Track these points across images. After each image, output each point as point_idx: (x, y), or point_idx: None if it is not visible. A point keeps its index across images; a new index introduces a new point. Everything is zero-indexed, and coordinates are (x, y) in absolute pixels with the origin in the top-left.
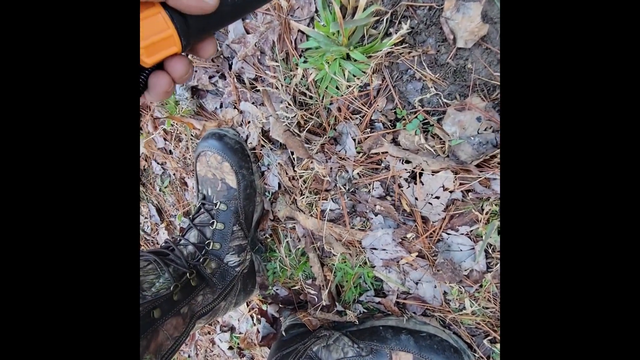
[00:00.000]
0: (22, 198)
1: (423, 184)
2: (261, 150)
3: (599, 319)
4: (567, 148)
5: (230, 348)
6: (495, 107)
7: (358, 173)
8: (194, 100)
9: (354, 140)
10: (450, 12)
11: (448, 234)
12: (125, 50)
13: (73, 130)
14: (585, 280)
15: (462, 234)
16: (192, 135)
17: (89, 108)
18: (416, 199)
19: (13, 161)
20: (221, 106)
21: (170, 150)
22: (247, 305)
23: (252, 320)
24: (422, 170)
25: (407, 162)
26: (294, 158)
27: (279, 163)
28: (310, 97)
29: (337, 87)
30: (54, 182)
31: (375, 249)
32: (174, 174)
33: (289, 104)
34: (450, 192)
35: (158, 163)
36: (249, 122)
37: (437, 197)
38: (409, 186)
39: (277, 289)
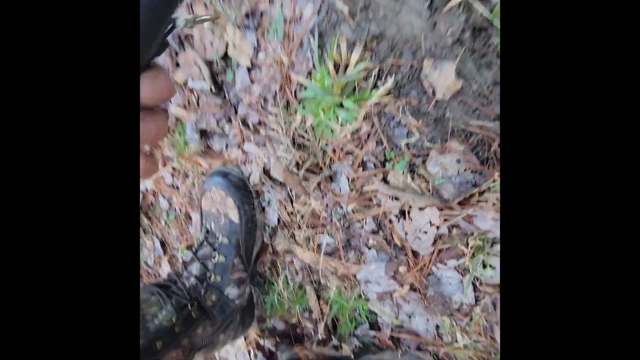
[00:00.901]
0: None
1: (412, 220)
2: (262, 187)
3: (599, 338)
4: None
5: None
6: (472, 150)
7: (352, 209)
8: (202, 141)
9: (348, 178)
10: (428, 69)
11: (437, 267)
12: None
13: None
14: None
15: (451, 267)
16: (199, 172)
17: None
18: (406, 233)
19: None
20: (227, 147)
21: (177, 186)
22: (245, 340)
23: (250, 355)
24: (410, 207)
25: (396, 199)
26: (292, 195)
27: (278, 199)
28: (308, 140)
29: (331, 131)
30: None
31: (369, 282)
32: (179, 209)
33: (289, 146)
34: (437, 227)
35: (165, 198)
36: (251, 161)
37: (425, 232)
38: (399, 221)
39: (274, 323)
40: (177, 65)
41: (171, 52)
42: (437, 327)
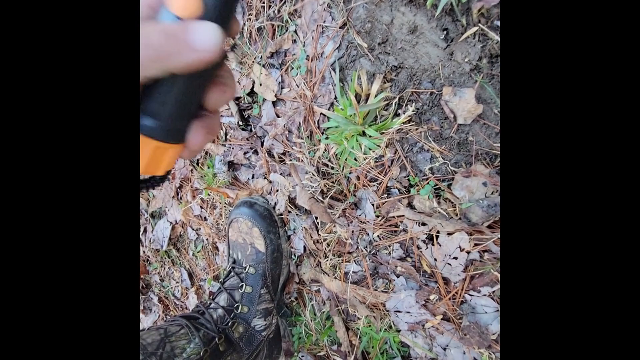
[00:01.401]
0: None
1: (440, 245)
2: (288, 215)
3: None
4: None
5: None
6: (498, 173)
7: (378, 235)
8: (230, 172)
9: (373, 205)
10: (448, 96)
11: (471, 295)
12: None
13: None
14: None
15: (485, 294)
16: (226, 203)
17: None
18: (435, 259)
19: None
20: (253, 177)
21: (205, 217)
22: None
23: None
24: (438, 232)
25: (423, 224)
26: (318, 222)
27: (304, 227)
28: (332, 168)
29: (355, 159)
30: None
31: (399, 311)
32: (207, 239)
33: (313, 174)
34: (468, 252)
35: (193, 229)
36: (277, 190)
37: (455, 258)
38: (427, 247)
39: (302, 356)
40: None
41: None
42: None
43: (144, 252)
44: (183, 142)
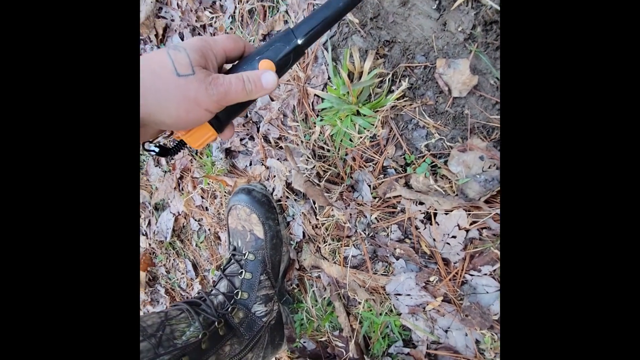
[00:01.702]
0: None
1: (439, 224)
2: (286, 201)
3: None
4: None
5: None
6: (495, 146)
7: (376, 217)
8: (228, 160)
9: (370, 186)
10: (442, 68)
11: (471, 275)
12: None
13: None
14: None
15: (486, 274)
16: (225, 192)
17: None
18: (434, 239)
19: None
20: (250, 164)
21: (206, 207)
22: None
23: None
24: (436, 210)
25: (421, 203)
26: (315, 207)
27: (302, 213)
28: (328, 150)
29: (350, 140)
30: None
31: (399, 294)
32: (209, 229)
33: (309, 157)
34: (466, 230)
35: (195, 220)
36: (274, 176)
37: (454, 237)
38: (425, 227)
39: (304, 342)
40: None
41: None
42: (477, 341)
43: (149, 244)
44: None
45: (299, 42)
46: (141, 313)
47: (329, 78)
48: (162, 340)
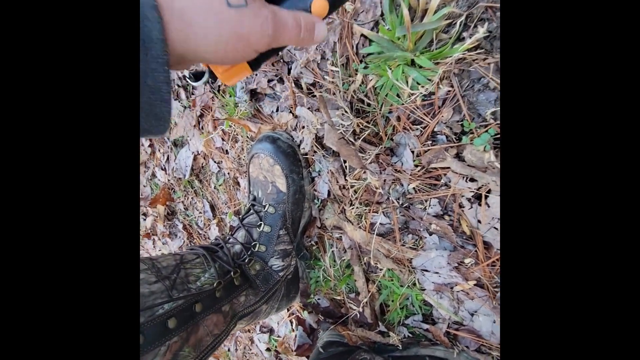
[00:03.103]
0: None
1: (489, 206)
2: (313, 156)
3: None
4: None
5: (268, 350)
6: None
7: (414, 188)
8: (252, 103)
9: (413, 152)
10: None
11: None
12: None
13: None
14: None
15: None
16: (247, 137)
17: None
18: (479, 221)
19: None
20: (277, 110)
21: (226, 150)
22: (288, 310)
23: (291, 325)
24: (489, 191)
25: (472, 180)
26: (346, 167)
27: (330, 170)
28: (369, 105)
29: (398, 95)
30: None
31: (427, 270)
32: (228, 173)
33: (346, 111)
34: None
35: (215, 162)
36: (303, 127)
37: None
38: (471, 207)
39: (318, 299)
40: None
41: None
42: None
43: (168, 179)
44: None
45: None
46: (158, 252)
47: (382, 15)
48: (177, 283)
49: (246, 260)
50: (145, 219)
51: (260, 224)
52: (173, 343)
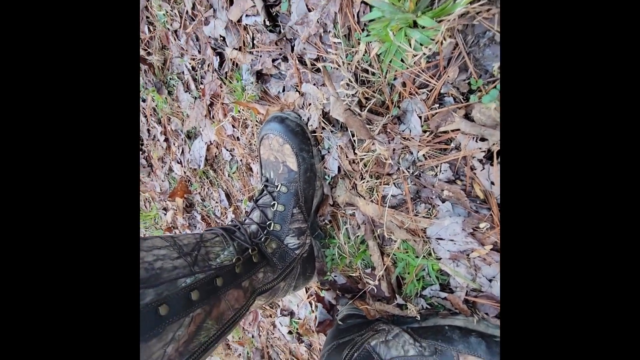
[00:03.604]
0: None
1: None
2: (322, 133)
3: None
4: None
5: (290, 333)
6: None
7: (424, 154)
8: (259, 85)
9: (420, 117)
10: None
11: None
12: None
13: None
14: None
15: None
16: (257, 120)
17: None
18: (492, 183)
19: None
20: (284, 90)
21: (238, 137)
22: (306, 292)
23: (311, 307)
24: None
25: (483, 139)
26: (354, 140)
27: (339, 146)
28: (373, 74)
29: (402, 60)
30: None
31: (441, 239)
32: (241, 160)
33: (350, 82)
34: None
35: (227, 150)
36: (309, 104)
37: None
38: (483, 168)
39: (335, 276)
40: (231, 3)
41: None
42: None
43: (184, 172)
44: None
45: None
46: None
47: None
48: (198, 259)
49: (262, 239)
50: (165, 214)
51: (274, 203)
52: (196, 315)
